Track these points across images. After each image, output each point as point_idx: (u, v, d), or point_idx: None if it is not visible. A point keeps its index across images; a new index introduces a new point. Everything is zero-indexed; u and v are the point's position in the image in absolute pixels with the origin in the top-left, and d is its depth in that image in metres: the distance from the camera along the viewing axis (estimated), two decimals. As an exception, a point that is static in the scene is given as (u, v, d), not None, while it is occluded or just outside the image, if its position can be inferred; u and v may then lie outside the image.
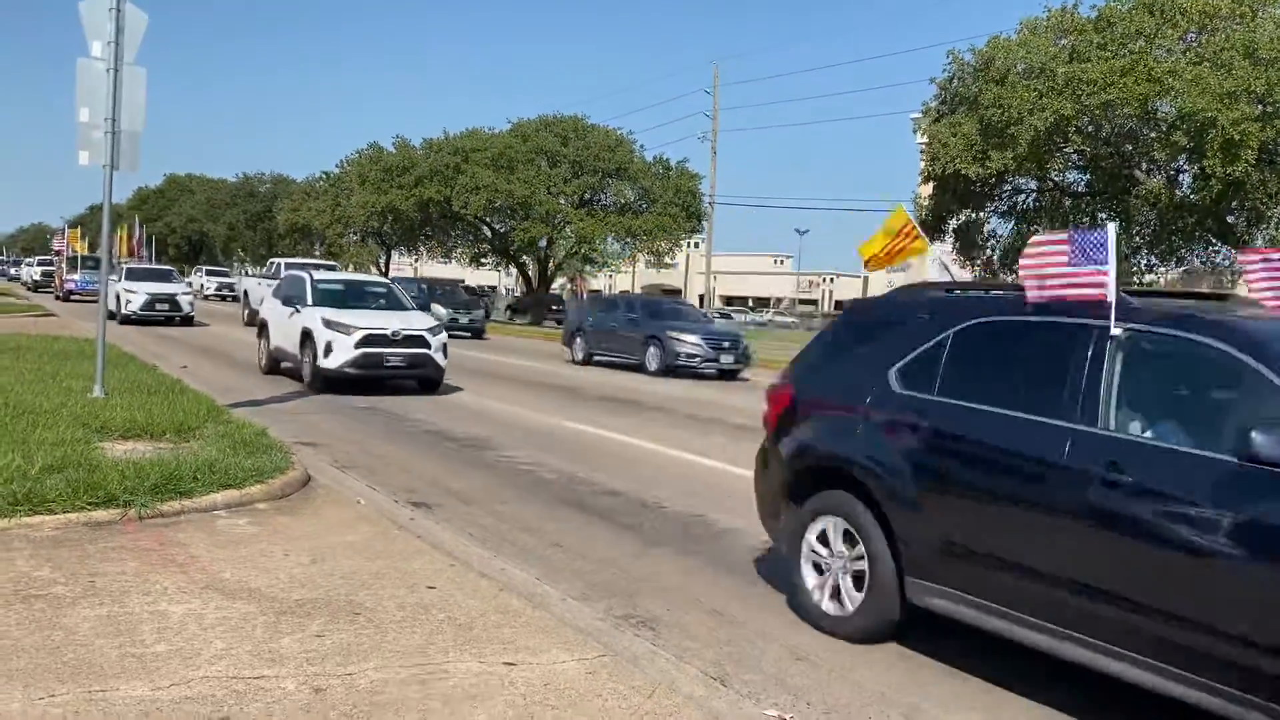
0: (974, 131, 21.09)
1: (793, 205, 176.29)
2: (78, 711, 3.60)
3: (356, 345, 14.15)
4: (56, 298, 41.17)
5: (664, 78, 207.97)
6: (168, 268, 37.27)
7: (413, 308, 16.42)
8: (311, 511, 6.90)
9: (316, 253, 76.00)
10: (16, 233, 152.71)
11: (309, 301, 15.12)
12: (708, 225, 47.26)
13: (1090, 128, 20.10)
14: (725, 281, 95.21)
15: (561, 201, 43.87)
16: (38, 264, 58.52)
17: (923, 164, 25.21)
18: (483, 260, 53.01)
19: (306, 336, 14.69)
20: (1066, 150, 21.77)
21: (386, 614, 4.85)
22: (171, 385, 11.90)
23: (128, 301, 27.10)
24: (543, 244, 46.13)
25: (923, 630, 5.41)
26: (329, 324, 14.32)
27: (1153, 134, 20.02)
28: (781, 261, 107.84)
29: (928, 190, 25.98)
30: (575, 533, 7.18)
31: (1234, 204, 20.06)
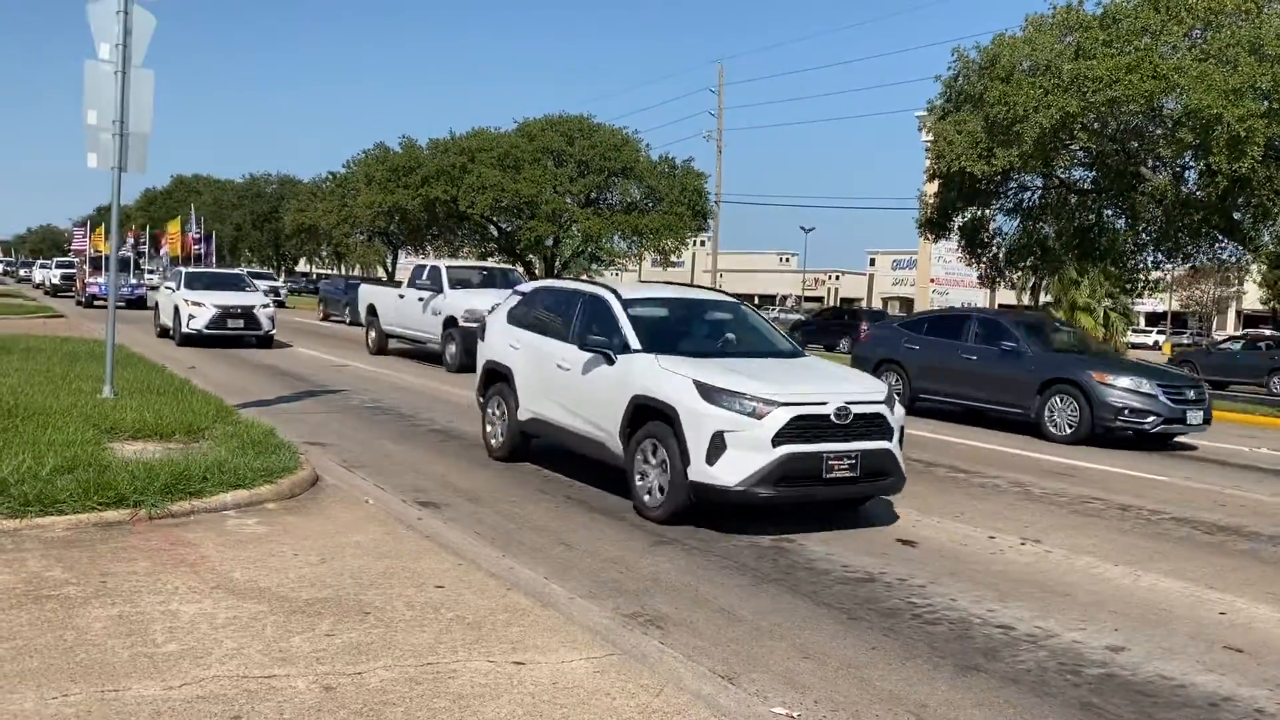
0: (979, 129, 21.05)
1: (798, 203, 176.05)
2: (90, 711, 3.64)
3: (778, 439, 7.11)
4: (78, 303, 38.02)
5: (669, 77, 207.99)
6: (236, 272, 31.08)
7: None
8: (320, 511, 6.93)
9: (323, 253, 76.19)
10: (25, 234, 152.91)
11: (635, 344, 8.07)
12: (713, 224, 47.26)
13: (1096, 125, 20.06)
14: (731, 280, 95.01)
15: (568, 200, 43.87)
16: (56, 265, 54.36)
17: (928, 161, 25.18)
18: (489, 259, 53.05)
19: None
20: (1072, 147, 21.74)
21: (395, 613, 4.88)
22: (180, 386, 11.95)
23: (190, 317, 21.44)
24: (549, 243, 46.17)
25: (931, 633, 5.42)
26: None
27: (1158, 131, 19.98)
28: (787, 259, 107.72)
29: (933, 188, 25.95)
30: (583, 531, 7.20)
31: (1240, 200, 20.00)
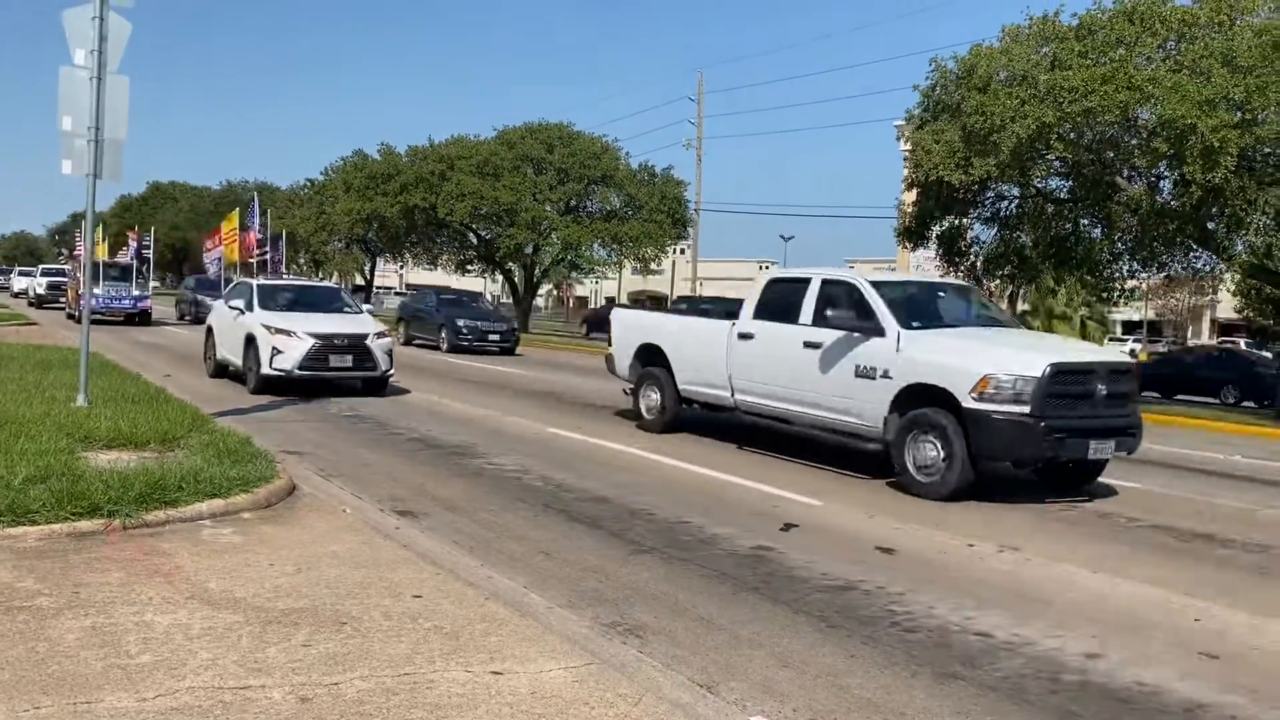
0: (957, 138, 21.21)
1: (778, 211, 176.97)
2: (62, 724, 3.59)
3: None
4: (70, 316, 32.38)
5: (649, 85, 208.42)
6: (329, 285, 23.53)
7: None
8: (297, 520, 6.88)
9: (301, 261, 75.73)
10: None
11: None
12: (693, 231, 47.37)
13: (1072, 135, 20.24)
14: (711, 287, 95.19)
15: (547, 208, 43.87)
16: (41, 273, 48.50)
17: (906, 171, 25.34)
18: (469, 267, 52.95)
19: None
20: (1049, 157, 21.92)
21: (373, 623, 4.85)
22: (155, 394, 11.85)
23: (275, 351, 14.69)
24: (529, 250, 46.12)
25: (910, 640, 5.43)
26: None
27: (1134, 141, 20.18)
28: (767, 267, 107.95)
29: (911, 197, 26.12)
30: (562, 540, 7.18)
31: (1214, 210, 20.22)
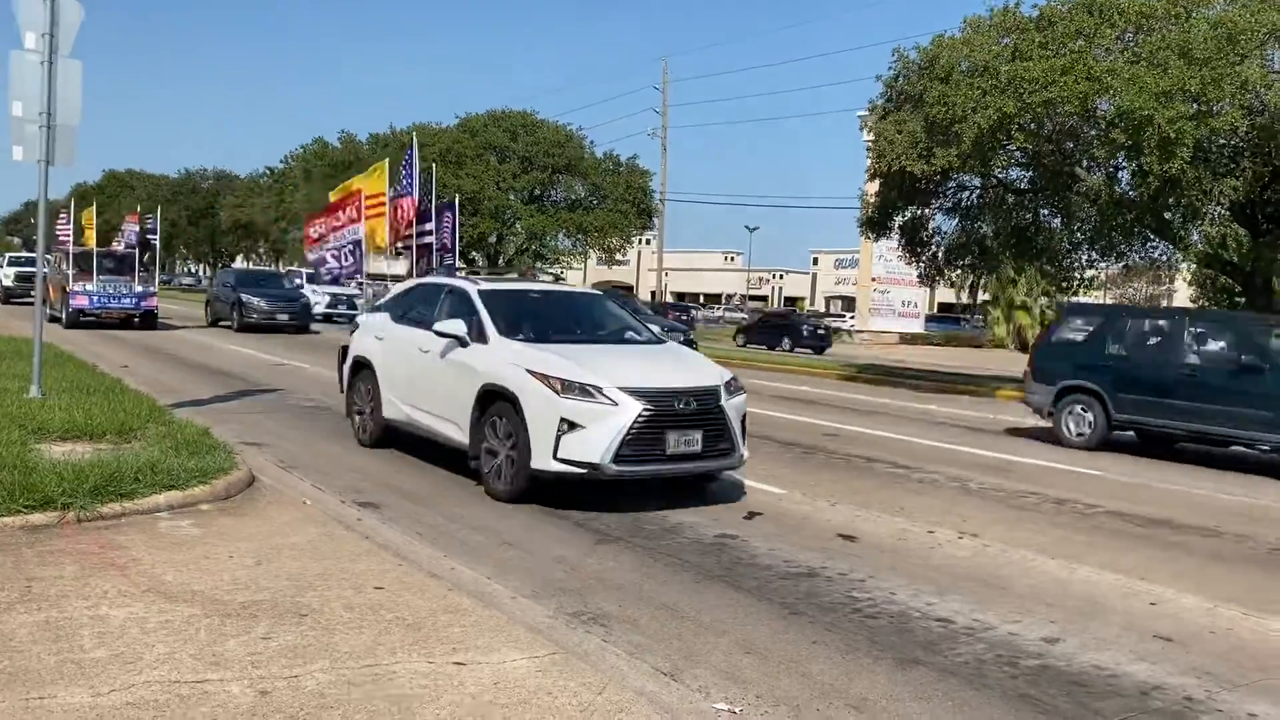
0: (919, 129, 21.31)
1: (744, 202, 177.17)
2: (14, 720, 3.52)
3: None
4: (54, 319, 24.76)
5: (614, 73, 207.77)
6: (590, 291, 12.36)
7: None
8: (256, 513, 6.80)
9: (261, 250, 74.80)
10: None
11: None
12: (659, 222, 47.37)
13: (1032, 125, 20.41)
14: (677, 278, 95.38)
15: (511, 197, 43.68)
16: (9, 263, 40.17)
17: (869, 161, 25.42)
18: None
19: None
20: (1009, 147, 22.08)
21: (334, 615, 4.80)
22: (112, 385, 11.66)
23: (567, 428, 7.62)
24: (492, 240, 45.90)
25: (872, 627, 5.47)
26: None
27: (1093, 132, 20.39)
28: (732, 258, 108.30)
29: (874, 187, 26.21)
30: (526, 531, 7.15)
31: (1170, 201, 20.47)
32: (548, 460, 7.56)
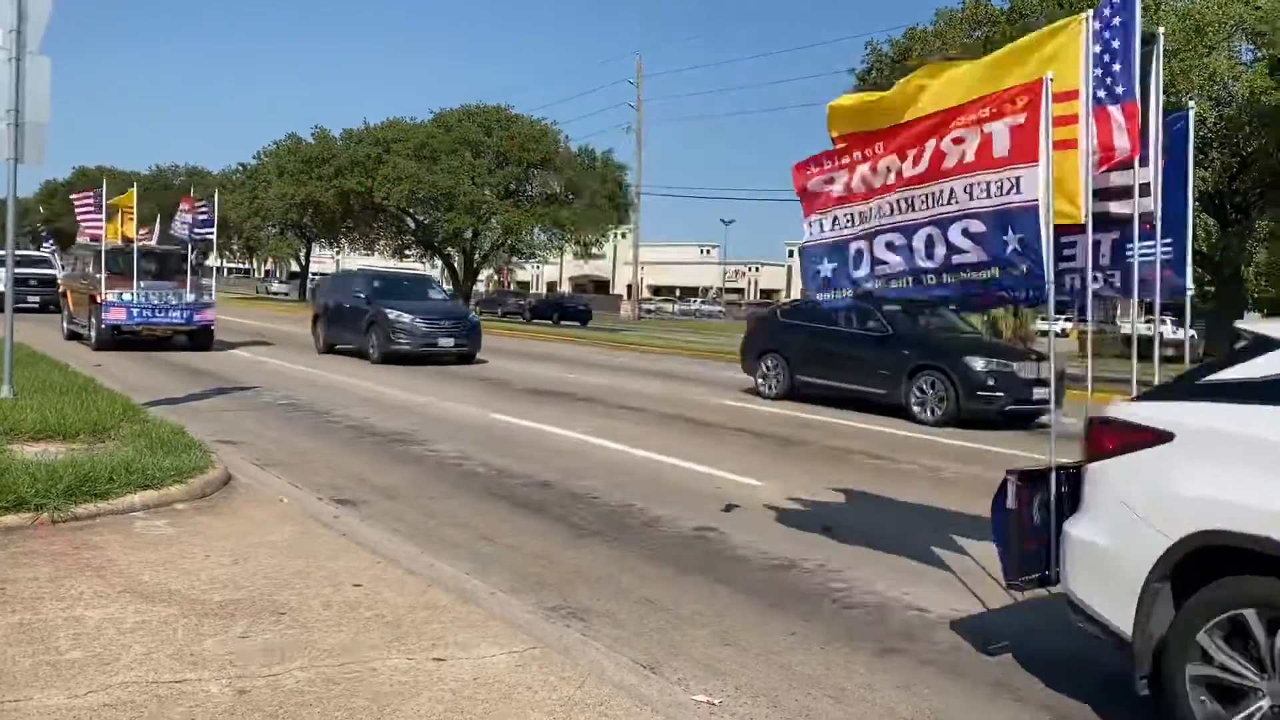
0: (893, 121, 21.46)
1: (718, 195, 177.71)
2: (-11, 723, 3.50)
3: None
4: (74, 336, 21.44)
5: (588, 69, 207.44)
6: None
7: None
8: (233, 511, 6.76)
9: (234, 247, 74.11)
10: None
11: None
12: (634, 216, 47.39)
13: (1005, 117, 20.58)
14: (653, 272, 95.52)
15: (486, 192, 43.55)
16: (19, 261, 31.47)
17: (844, 153, 25.53)
18: (406, 252, 52.37)
19: None
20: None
21: (312, 613, 4.79)
22: (85, 384, 11.55)
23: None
24: (468, 235, 45.76)
25: (850, 617, 5.51)
26: None
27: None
28: (708, 251, 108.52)
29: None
30: (504, 526, 7.15)
31: (1142, 191, 20.72)
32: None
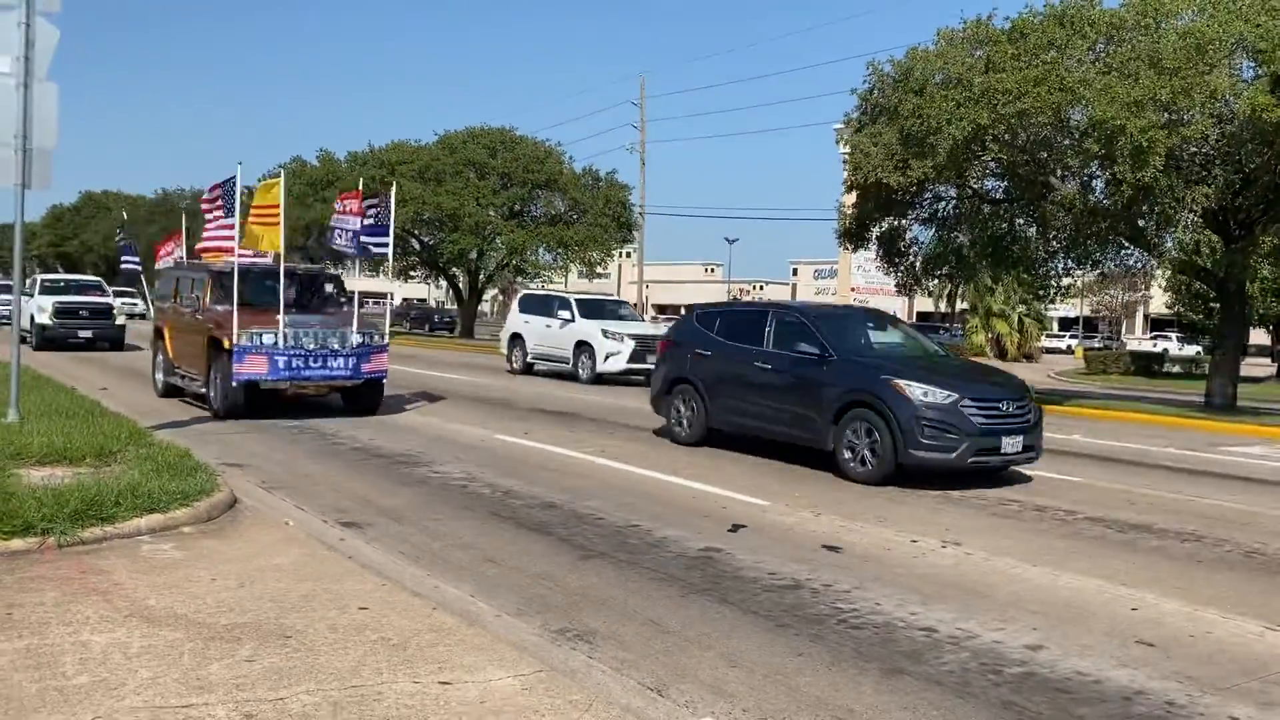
0: (894, 141, 21.45)
1: (722, 215, 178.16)
2: (-4, 749, 3.50)
3: None
4: (174, 391, 15.44)
5: (594, 90, 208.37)
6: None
7: None
8: (239, 534, 6.77)
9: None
10: None
11: None
12: (639, 235, 47.46)
13: (1006, 136, 20.58)
14: (657, 290, 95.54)
15: (491, 213, 43.68)
16: (42, 291, 27.25)
17: (846, 173, 25.55)
18: (411, 273, 52.49)
19: None
20: (984, 158, 22.26)
21: (318, 636, 4.79)
22: (90, 408, 11.58)
23: None
24: (473, 256, 45.88)
25: (857, 637, 5.49)
26: None
27: (1066, 141, 20.58)
28: (712, 270, 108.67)
29: (851, 199, 26.34)
30: (509, 548, 7.15)
31: (1144, 208, 20.69)
32: None
